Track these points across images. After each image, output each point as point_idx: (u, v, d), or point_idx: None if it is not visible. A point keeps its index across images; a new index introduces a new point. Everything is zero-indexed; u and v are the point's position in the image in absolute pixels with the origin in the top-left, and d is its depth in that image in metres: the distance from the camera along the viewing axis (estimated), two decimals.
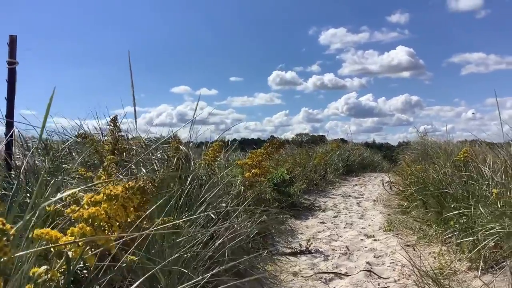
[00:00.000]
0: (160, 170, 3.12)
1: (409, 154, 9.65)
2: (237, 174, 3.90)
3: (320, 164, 9.41)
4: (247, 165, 3.22)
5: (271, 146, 3.18)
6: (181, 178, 3.06)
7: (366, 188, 9.27)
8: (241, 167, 3.49)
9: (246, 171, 3.29)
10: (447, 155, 6.50)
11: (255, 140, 60.18)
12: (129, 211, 1.09)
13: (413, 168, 6.65)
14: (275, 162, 7.93)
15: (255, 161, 3.18)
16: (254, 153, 3.24)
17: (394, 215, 5.88)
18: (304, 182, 7.77)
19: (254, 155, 3.21)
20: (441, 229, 4.37)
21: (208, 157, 3.30)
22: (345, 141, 15.24)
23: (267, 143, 3.31)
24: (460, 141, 10.22)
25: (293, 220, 5.96)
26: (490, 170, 4.10)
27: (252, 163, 3.20)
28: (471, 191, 4.24)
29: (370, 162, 13.17)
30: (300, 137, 50.72)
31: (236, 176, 3.90)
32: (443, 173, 5.18)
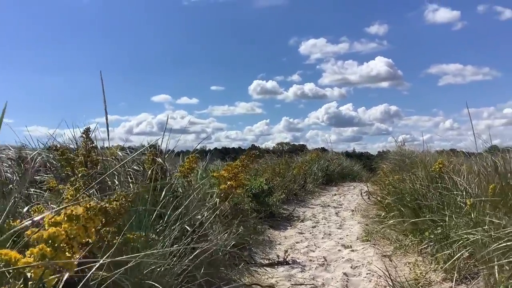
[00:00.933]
0: (135, 182, 3.09)
1: (387, 164, 9.74)
2: (215, 185, 3.88)
3: (300, 174, 9.44)
4: (223, 177, 3.21)
5: (247, 158, 3.17)
6: (156, 190, 3.03)
7: (345, 197, 9.32)
8: (217, 179, 3.47)
9: (222, 183, 3.28)
10: (424, 165, 6.56)
11: (236, 149, 59.23)
12: (91, 232, 1.07)
13: (390, 178, 6.71)
14: (254, 172, 7.93)
15: (231, 173, 3.17)
16: (230, 165, 3.23)
17: (372, 225, 5.91)
18: (283, 192, 7.77)
19: (230, 167, 3.19)
20: (417, 239, 4.40)
21: (184, 169, 3.28)
22: (325, 150, 15.33)
23: (243, 155, 3.30)
24: (438, 151, 10.35)
25: (271, 230, 5.96)
26: (464, 181, 4.16)
27: (228, 175, 3.19)
28: (446, 202, 4.29)
29: (350, 172, 13.25)
30: (281, 146, 50.78)
31: (213, 187, 3.88)
32: (419, 184, 5.24)
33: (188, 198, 3.15)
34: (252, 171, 7.96)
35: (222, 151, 61.68)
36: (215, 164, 12.67)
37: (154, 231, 2.66)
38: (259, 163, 10.82)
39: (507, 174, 3.75)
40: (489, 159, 4.20)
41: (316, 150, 15.76)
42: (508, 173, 3.79)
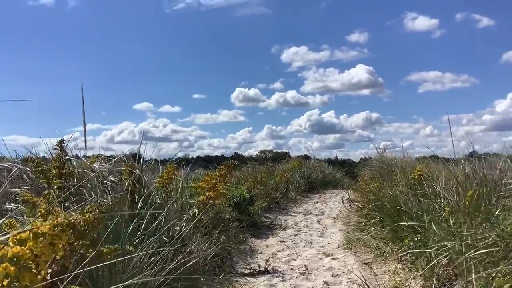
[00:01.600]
0: (112, 194, 3.05)
1: (368, 171, 9.81)
2: (195, 195, 3.85)
3: (282, 181, 9.44)
4: (202, 188, 3.19)
5: (225, 168, 3.16)
6: (134, 202, 3.00)
7: (327, 205, 9.35)
8: (195, 190, 3.45)
9: (200, 194, 3.26)
10: (403, 172, 6.62)
11: (219, 157, 59.03)
12: (58, 248, 1.05)
13: (371, 185, 6.75)
14: (236, 180, 7.91)
15: (209, 184, 3.15)
16: (209, 175, 3.21)
17: (353, 233, 5.93)
18: (265, 200, 7.76)
19: (209, 178, 3.18)
20: (397, 246, 4.43)
21: (162, 180, 3.25)
22: (308, 158, 15.38)
23: (222, 165, 3.29)
24: (418, 157, 10.48)
25: (253, 239, 5.94)
26: (442, 188, 4.20)
27: (207, 186, 3.17)
28: (425, 209, 4.33)
29: (332, 179, 13.30)
30: (264, 153, 50.73)
31: (193, 197, 3.85)
32: (399, 191, 5.28)
33: (167, 209, 3.12)
34: (234, 180, 7.95)
35: (205, 159, 61.28)
36: (198, 172, 12.64)
37: (132, 244, 2.63)
38: (241, 171, 10.82)
39: (484, 181, 3.81)
40: (466, 166, 4.26)
41: (298, 157, 15.80)
42: (485, 180, 3.85)
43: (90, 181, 3.29)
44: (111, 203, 2.61)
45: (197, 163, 32.49)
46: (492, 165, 4.41)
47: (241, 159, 44.63)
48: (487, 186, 3.69)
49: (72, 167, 3.37)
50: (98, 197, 2.96)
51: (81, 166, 3.40)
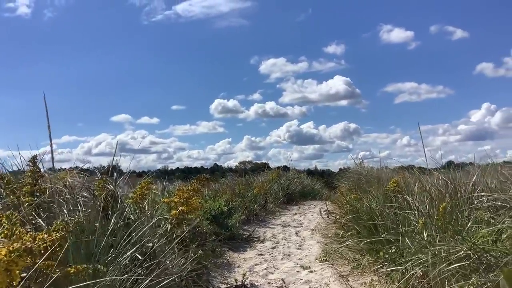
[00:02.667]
0: (85, 210, 3.00)
1: (346, 182, 9.87)
2: (170, 209, 3.81)
3: (260, 193, 9.42)
4: (174, 202, 3.15)
5: (198, 182, 3.13)
6: (107, 218, 2.95)
7: (305, 217, 9.36)
8: (168, 205, 3.41)
9: (173, 209, 3.23)
10: (380, 184, 6.68)
11: (198, 168, 58.62)
12: (15, 275, 1.02)
13: (348, 197, 6.79)
14: (214, 193, 7.87)
15: (182, 198, 3.12)
16: (181, 190, 3.19)
17: (331, 245, 5.94)
18: (244, 213, 7.73)
19: (181, 192, 3.15)
20: (373, 258, 4.45)
21: (136, 195, 3.21)
22: (287, 168, 15.40)
23: (194, 179, 3.27)
24: (396, 167, 10.62)
25: (231, 252, 5.90)
26: (416, 200, 4.24)
27: (179, 200, 3.14)
28: (400, 221, 4.36)
29: (311, 190, 13.33)
30: (244, 165, 50.69)
31: (168, 213, 3.82)
32: (375, 203, 5.32)
33: (141, 225, 3.08)
34: (211, 193, 7.90)
35: (184, 171, 60.97)
36: (176, 185, 12.55)
37: (104, 262, 2.58)
38: (220, 184, 10.78)
39: (456, 193, 3.86)
40: (440, 178, 4.32)
41: (277, 168, 15.81)
42: (458, 192, 3.90)
43: (62, 196, 3.23)
44: (82, 220, 2.57)
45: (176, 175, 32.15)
46: (466, 176, 4.49)
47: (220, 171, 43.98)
48: (460, 198, 3.74)
49: (44, 183, 3.30)
50: (69, 213, 2.91)
51: (54, 181, 3.34)
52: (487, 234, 2.95)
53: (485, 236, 2.94)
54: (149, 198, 4.06)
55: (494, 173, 4.15)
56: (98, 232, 2.69)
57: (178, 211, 3.06)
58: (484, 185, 3.85)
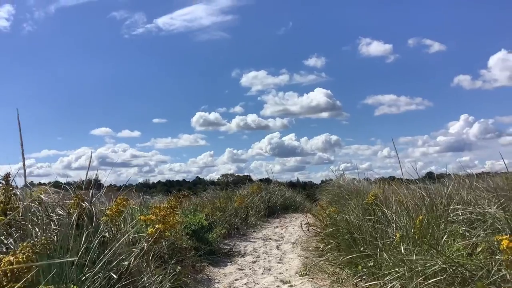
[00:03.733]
0: (59, 228, 2.95)
1: (326, 195, 9.91)
2: (147, 227, 3.77)
3: (241, 207, 9.39)
4: (150, 220, 3.12)
5: (175, 199, 3.11)
6: (81, 236, 2.90)
7: (286, 230, 9.34)
8: (144, 223, 3.37)
9: (149, 227, 3.19)
10: (360, 196, 6.72)
11: (180, 181, 58.10)
12: None
13: (328, 210, 6.80)
14: (194, 207, 7.82)
15: (159, 215, 3.09)
16: (158, 207, 3.15)
17: (311, 258, 5.93)
18: (224, 227, 7.68)
19: (158, 210, 3.12)
20: (352, 272, 4.45)
21: (112, 212, 3.17)
22: (269, 181, 15.40)
23: (172, 196, 3.24)
24: (377, 179, 10.72)
25: (211, 268, 5.85)
26: (394, 214, 4.27)
27: (156, 218, 3.10)
28: (379, 234, 4.38)
29: (292, 203, 13.33)
30: (226, 177, 50.66)
31: (145, 230, 3.77)
32: (354, 216, 5.34)
33: (116, 243, 3.04)
34: (192, 207, 7.85)
35: (166, 184, 60.31)
36: (157, 198, 12.44)
37: (77, 282, 2.53)
38: (201, 197, 10.72)
39: (433, 206, 3.90)
40: (417, 191, 4.36)
41: (259, 181, 15.80)
42: (434, 205, 3.94)
43: (35, 215, 3.18)
44: (54, 240, 2.52)
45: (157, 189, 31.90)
46: (443, 187, 4.54)
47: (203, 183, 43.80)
48: (436, 211, 3.78)
49: (18, 200, 3.24)
50: (42, 232, 2.86)
51: (27, 198, 3.28)
52: (462, 247, 2.98)
53: (460, 250, 2.96)
54: (127, 214, 4.01)
55: (470, 185, 4.20)
56: (71, 251, 2.64)
57: (155, 229, 3.02)
58: (460, 198, 3.90)
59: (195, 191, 23.86)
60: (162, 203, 5.26)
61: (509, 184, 4.76)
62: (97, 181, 6.53)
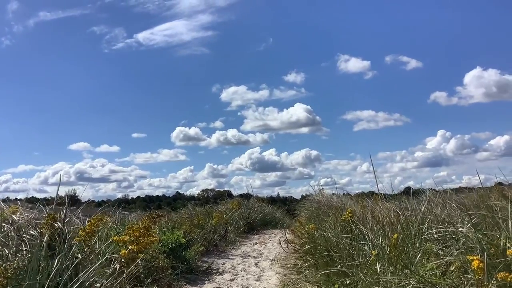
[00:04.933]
0: (31, 250, 2.89)
1: (305, 211, 9.91)
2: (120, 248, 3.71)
3: (220, 223, 9.34)
4: (124, 241, 3.07)
5: (149, 220, 3.07)
6: (53, 258, 2.85)
7: (265, 246, 9.31)
8: (117, 244, 3.32)
9: (122, 248, 3.14)
10: (337, 213, 6.74)
11: (159, 197, 57.87)
12: None
13: (306, 226, 6.81)
14: (172, 224, 7.75)
15: (133, 236, 3.04)
16: (132, 228, 3.11)
17: (289, 275, 5.92)
18: (203, 244, 7.62)
19: (131, 231, 3.07)
20: None
21: (85, 233, 3.12)
22: (250, 196, 15.37)
23: (146, 216, 3.20)
24: (357, 194, 10.84)
25: (188, 286, 5.79)
26: (370, 231, 4.30)
27: (129, 239, 3.06)
28: (355, 252, 4.40)
29: (272, 218, 13.31)
30: (206, 192, 50.39)
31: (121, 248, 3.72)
32: (332, 233, 5.35)
33: (89, 264, 2.99)
34: (170, 224, 7.78)
35: (146, 200, 59.52)
36: (137, 214, 12.30)
37: None
38: (179, 214, 10.63)
39: (408, 224, 3.93)
40: (392, 209, 4.40)
41: (239, 196, 15.79)
42: (409, 223, 3.98)
43: (7, 236, 3.12)
44: (26, 262, 2.47)
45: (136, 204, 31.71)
46: (419, 204, 4.59)
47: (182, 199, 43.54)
48: (411, 229, 3.81)
49: None
50: (15, 254, 2.80)
51: None
52: (435, 266, 3.00)
53: (434, 269, 2.99)
54: (102, 232, 3.96)
55: (443, 204, 4.25)
56: (42, 274, 2.59)
57: (128, 250, 2.98)
58: (434, 216, 3.94)
59: (175, 206, 23.67)
60: (139, 221, 5.20)
61: (483, 201, 4.85)
62: (74, 197, 6.43)
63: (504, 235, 2.77)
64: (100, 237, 3.94)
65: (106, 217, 6.68)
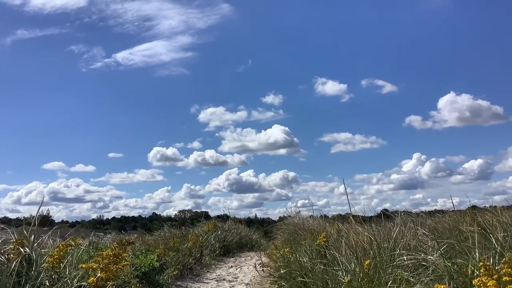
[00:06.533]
0: None
1: (281, 234, 9.90)
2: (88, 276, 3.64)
3: (196, 246, 9.24)
4: (92, 269, 3.02)
5: (119, 247, 3.02)
6: (20, 285, 2.78)
7: (241, 269, 9.24)
8: (86, 271, 3.25)
9: (91, 275, 3.08)
10: (314, 235, 6.76)
11: (136, 218, 57.05)
12: None
13: (282, 250, 6.79)
14: (146, 248, 7.63)
15: (102, 263, 2.99)
16: (101, 255, 3.06)
17: None
18: (177, 268, 7.52)
19: (100, 258, 3.02)
20: None
21: (53, 259, 3.05)
22: (227, 217, 15.28)
23: (115, 243, 3.16)
24: (334, 215, 10.89)
25: None
26: (343, 256, 4.31)
27: (98, 266, 3.00)
28: (329, 278, 4.39)
29: (248, 241, 13.23)
30: (183, 213, 49.86)
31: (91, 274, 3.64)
32: (306, 257, 5.34)
33: None
34: (144, 247, 7.66)
35: (121, 220, 58.45)
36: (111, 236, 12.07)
37: None
38: (154, 236, 10.49)
39: (380, 250, 3.96)
40: (365, 234, 4.43)
41: (217, 217, 15.70)
42: (381, 249, 4.01)
43: None
44: None
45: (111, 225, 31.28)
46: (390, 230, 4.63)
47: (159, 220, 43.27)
48: (383, 255, 3.84)
49: None
50: None
51: None
52: None
53: None
54: (73, 257, 3.88)
55: (415, 232, 4.30)
56: None
57: (96, 278, 2.92)
58: (405, 242, 3.98)
59: (151, 227, 23.31)
60: (111, 245, 5.11)
61: (455, 227, 4.92)
62: (48, 217, 6.31)
63: (472, 263, 2.81)
64: (71, 261, 3.85)
65: (78, 240, 6.57)
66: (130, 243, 3.17)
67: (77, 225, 27.68)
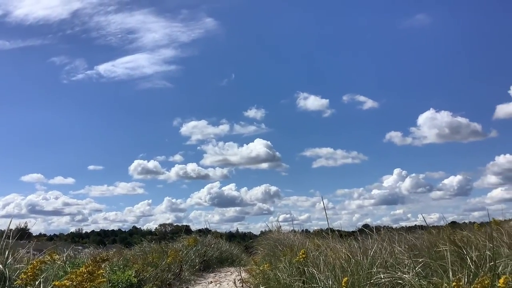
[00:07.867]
0: None
1: (262, 249, 9.87)
2: None
3: (175, 261, 9.15)
4: (65, 287, 2.96)
5: (93, 264, 2.98)
6: None
7: (221, 285, 9.16)
8: None
9: None
10: (294, 251, 6.75)
11: (115, 231, 56.22)
12: None
13: (261, 266, 6.77)
14: (124, 263, 7.53)
15: (75, 281, 2.94)
16: (74, 272, 3.01)
17: None
18: (155, 284, 7.43)
19: (74, 276, 2.97)
20: None
21: (26, 276, 2.99)
22: (208, 231, 15.18)
23: (90, 259, 3.11)
24: (315, 230, 10.90)
25: None
26: (321, 273, 4.32)
27: (72, 284, 2.95)
28: None
29: (229, 256, 13.14)
30: (164, 227, 49.40)
31: None
32: (286, 274, 5.33)
33: None
34: (122, 262, 7.56)
35: (100, 234, 57.56)
36: (89, 250, 11.87)
37: None
38: (133, 250, 10.37)
39: (357, 268, 3.98)
40: (343, 251, 4.44)
41: (198, 231, 15.58)
42: (359, 266, 4.02)
43: None
44: None
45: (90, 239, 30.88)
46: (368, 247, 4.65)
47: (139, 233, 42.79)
48: (360, 273, 3.85)
49: None
50: None
51: None
52: None
53: None
54: (50, 272, 3.82)
55: (392, 250, 4.33)
56: None
57: None
58: (382, 260, 4.01)
59: (131, 241, 23.03)
60: (86, 260, 5.03)
61: (433, 244, 4.96)
62: (25, 230, 6.19)
63: (447, 282, 2.84)
64: (47, 278, 3.78)
65: (55, 254, 6.45)
66: (105, 259, 3.13)
67: (55, 239, 27.06)
